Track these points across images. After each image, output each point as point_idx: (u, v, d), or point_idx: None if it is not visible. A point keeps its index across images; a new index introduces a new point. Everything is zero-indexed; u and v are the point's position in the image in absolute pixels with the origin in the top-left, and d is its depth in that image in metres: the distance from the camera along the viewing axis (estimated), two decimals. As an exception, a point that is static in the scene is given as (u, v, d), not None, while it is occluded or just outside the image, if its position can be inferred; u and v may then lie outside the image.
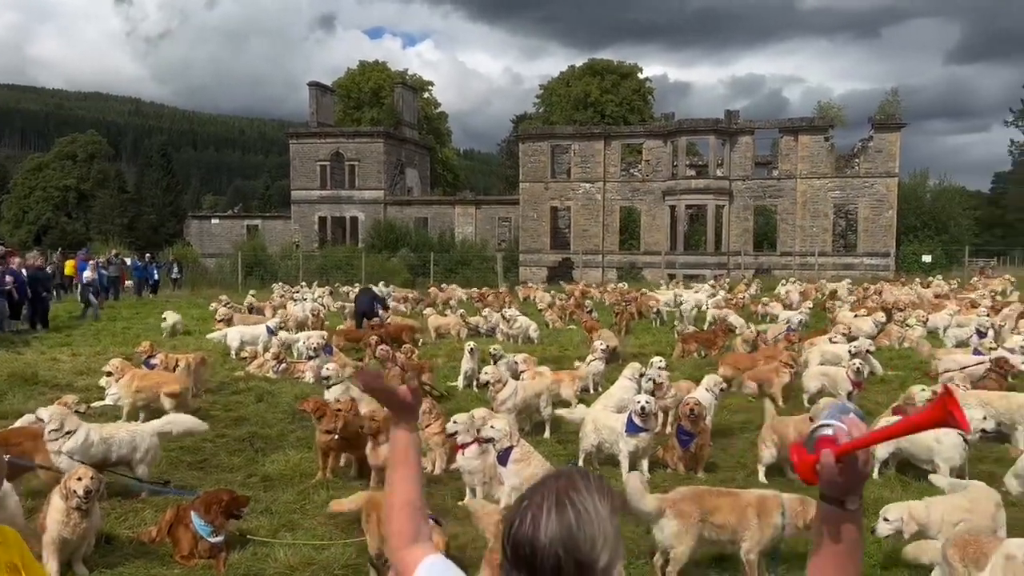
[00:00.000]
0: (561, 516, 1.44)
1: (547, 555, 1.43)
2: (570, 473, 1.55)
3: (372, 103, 63.95)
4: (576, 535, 1.43)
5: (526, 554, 1.45)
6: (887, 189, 42.89)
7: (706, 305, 21.37)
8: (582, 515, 1.44)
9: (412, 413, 1.93)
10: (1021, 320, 17.08)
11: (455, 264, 44.61)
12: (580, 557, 1.43)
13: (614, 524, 1.48)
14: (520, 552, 1.46)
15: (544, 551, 1.43)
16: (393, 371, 10.77)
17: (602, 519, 1.46)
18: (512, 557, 1.48)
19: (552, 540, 1.43)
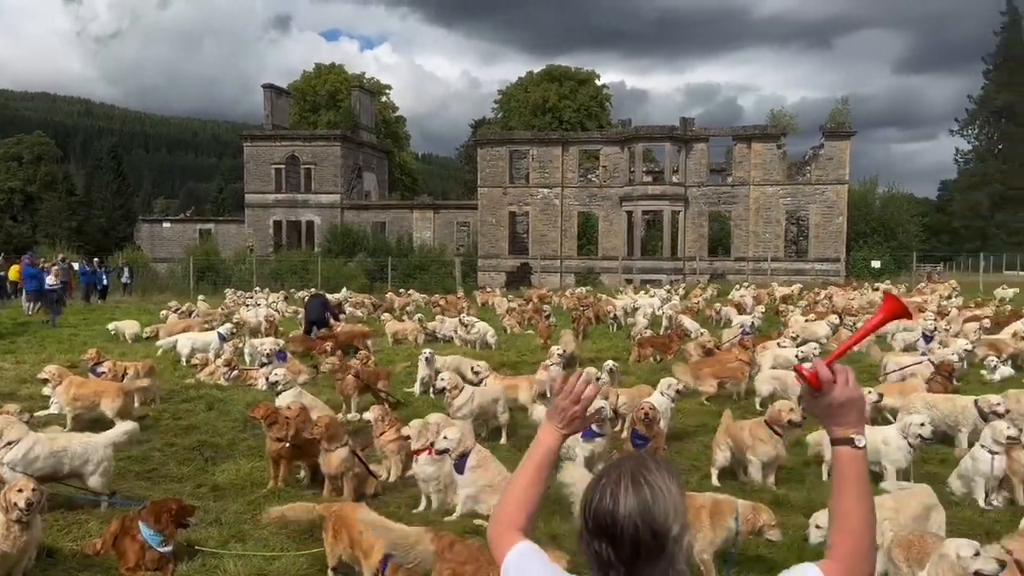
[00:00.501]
0: (638, 492, 1.65)
1: (627, 525, 1.64)
2: (641, 455, 1.82)
3: (329, 106, 63.40)
4: (652, 508, 1.64)
5: (607, 524, 1.66)
6: (837, 196, 43.85)
7: (661, 310, 21.57)
8: (656, 491, 1.66)
9: (577, 424, 2.11)
10: (966, 324, 17.58)
11: (413, 269, 44.40)
12: (656, 527, 1.64)
13: (682, 499, 1.70)
14: (602, 523, 1.67)
15: (624, 522, 1.64)
16: (347, 380, 10.66)
17: (673, 494, 1.68)
18: (593, 528, 1.69)
19: (631, 512, 1.64)
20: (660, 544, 1.65)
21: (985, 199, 63.94)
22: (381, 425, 7.68)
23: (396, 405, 10.18)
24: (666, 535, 1.65)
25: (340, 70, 66.74)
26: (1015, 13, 64.74)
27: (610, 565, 1.68)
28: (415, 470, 6.85)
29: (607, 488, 1.69)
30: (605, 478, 1.73)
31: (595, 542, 1.69)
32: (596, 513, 1.69)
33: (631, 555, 1.65)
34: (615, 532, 1.65)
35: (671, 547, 1.66)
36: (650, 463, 1.74)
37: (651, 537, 1.64)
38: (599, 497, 1.69)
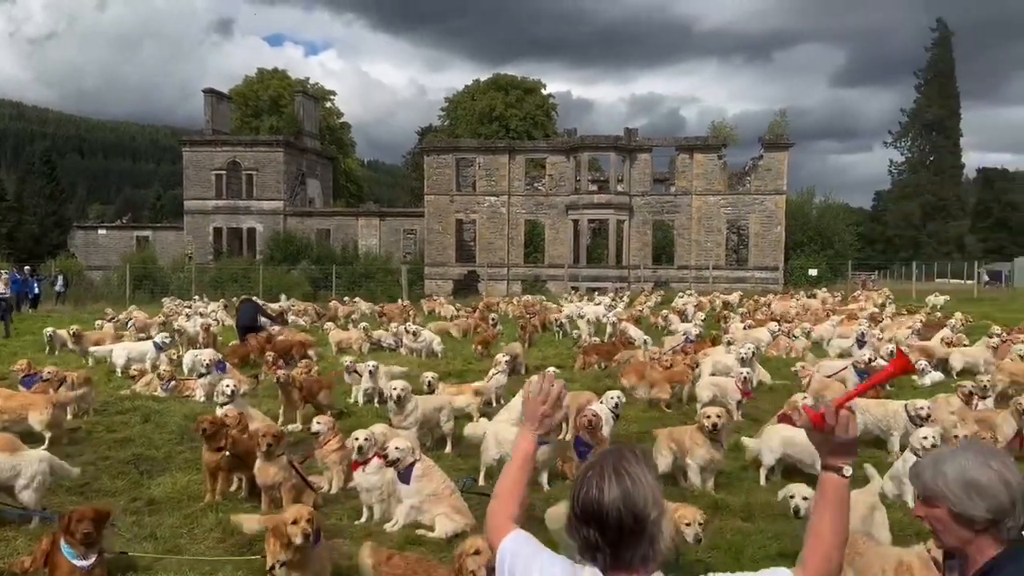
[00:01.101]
0: (620, 482, 1.87)
1: (611, 512, 1.85)
2: (620, 449, 2.01)
3: (271, 111, 62.50)
4: (633, 495, 1.86)
5: (594, 511, 1.87)
6: (776, 206, 44.95)
7: (606, 318, 21.77)
8: (635, 480, 1.87)
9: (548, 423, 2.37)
10: (899, 330, 18.17)
11: (358, 277, 43.96)
12: (637, 512, 1.85)
13: (658, 487, 1.93)
14: (589, 511, 1.88)
15: (609, 509, 1.85)
16: (292, 391, 10.48)
17: (650, 483, 1.90)
18: (582, 515, 1.90)
19: (614, 500, 1.85)
20: (641, 527, 1.86)
21: (917, 209, 66.33)
22: (325, 435, 7.57)
23: (340, 415, 10.06)
24: (646, 519, 1.86)
25: (283, 75, 65.88)
26: (945, 30, 67.50)
27: (597, 548, 1.89)
28: (357, 480, 6.77)
29: (592, 480, 1.90)
30: (591, 471, 1.94)
31: (583, 528, 1.90)
32: (584, 502, 1.90)
33: (616, 538, 1.86)
34: (602, 518, 1.86)
35: (651, 529, 1.87)
36: (629, 456, 1.95)
37: (633, 521, 1.85)
38: (586, 488, 1.91)
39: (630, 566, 1.89)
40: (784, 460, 7.82)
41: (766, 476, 7.83)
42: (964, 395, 9.40)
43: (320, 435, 7.54)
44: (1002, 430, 8.36)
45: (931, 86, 66.89)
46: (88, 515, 4.85)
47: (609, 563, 1.90)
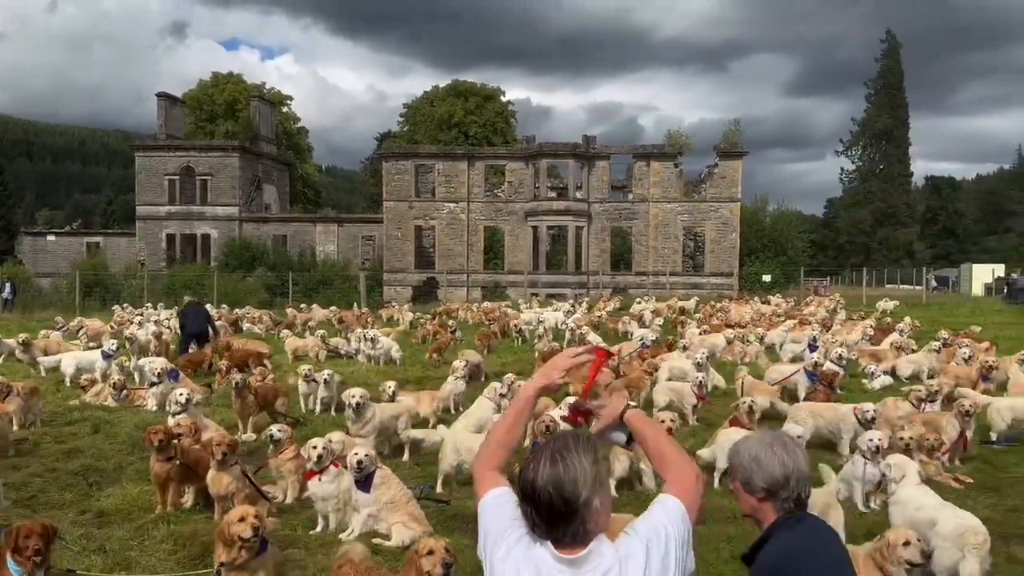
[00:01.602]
0: (553, 466, 2.04)
1: (543, 493, 2.03)
2: (564, 435, 2.19)
3: (226, 116, 61.66)
4: (562, 479, 2.03)
5: (529, 492, 2.07)
6: (731, 213, 45.67)
7: (565, 324, 21.89)
8: (568, 465, 2.04)
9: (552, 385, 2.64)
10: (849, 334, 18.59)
11: (316, 284, 43.51)
12: (565, 495, 2.02)
13: (595, 471, 2.07)
14: (526, 491, 2.08)
15: (540, 490, 2.04)
16: (249, 398, 10.35)
17: (584, 468, 2.05)
18: (521, 495, 2.11)
19: (545, 482, 2.03)
20: (571, 508, 2.02)
21: (868, 216, 67.77)
22: (281, 444, 7.49)
23: (295, 424, 9.95)
24: (576, 501, 2.02)
25: (239, 80, 65.02)
26: (894, 42, 69.18)
27: (535, 524, 2.08)
28: (312, 489, 6.71)
29: (531, 463, 2.10)
30: (535, 455, 2.13)
31: (524, 506, 2.11)
32: (523, 483, 2.10)
33: (548, 516, 2.04)
34: (535, 498, 2.05)
35: (581, 510, 2.03)
36: (570, 442, 2.12)
37: (562, 502, 2.02)
38: (525, 471, 2.11)
39: (562, 542, 2.06)
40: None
41: (719, 479, 7.96)
42: (915, 399, 9.66)
43: (281, 443, 7.46)
44: (947, 432, 8.62)
45: (880, 96, 68.46)
46: (36, 530, 4.69)
47: (545, 537, 2.08)
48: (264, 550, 4.86)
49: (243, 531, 4.67)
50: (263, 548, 4.84)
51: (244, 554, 4.68)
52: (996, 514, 6.96)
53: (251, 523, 4.68)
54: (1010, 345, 18.61)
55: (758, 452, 2.70)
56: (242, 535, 4.66)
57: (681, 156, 47.08)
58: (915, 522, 5.43)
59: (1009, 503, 7.37)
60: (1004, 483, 8.03)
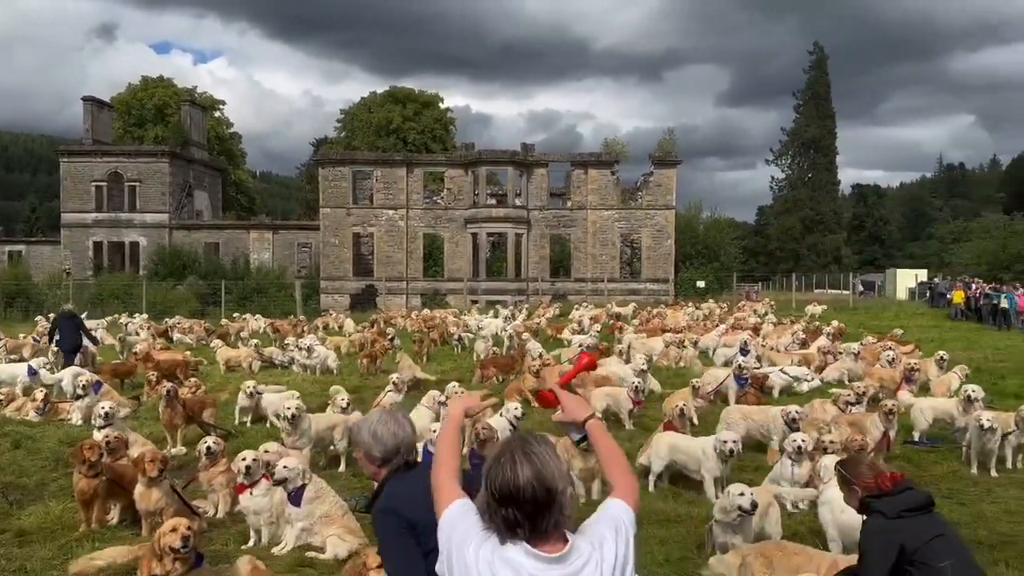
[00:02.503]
0: (530, 462, 2.13)
1: (526, 489, 2.10)
2: (522, 436, 2.32)
3: (156, 121, 60.01)
4: (543, 472, 2.13)
5: (511, 492, 2.12)
6: (666, 220, 46.49)
7: (503, 330, 21.93)
8: (542, 459, 2.15)
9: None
10: (780, 338, 19.09)
11: (250, 292, 42.62)
12: (548, 485, 2.11)
13: (561, 463, 2.22)
14: (506, 492, 2.12)
15: (524, 487, 2.10)
16: (178, 410, 10.06)
17: (554, 460, 2.19)
18: (500, 498, 2.13)
19: (528, 479, 2.11)
20: (552, 498, 2.12)
21: (797, 223, 69.73)
22: (211, 458, 7.30)
23: (227, 436, 9.72)
24: (555, 490, 2.13)
25: (169, 84, 63.37)
26: (821, 53, 71.47)
27: (517, 524, 2.12)
28: (244, 503, 6.56)
29: (505, 465, 2.15)
30: (501, 458, 2.18)
31: (502, 509, 2.13)
32: (500, 486, 2.13)
33: (532, 511, 2.11)
34: (518, 497, 2.10)
35: (559, 499, 2.13)
36: (532, 440, 2.25)
37: (546, 494, 2.11)
38: (500, 474, 2.14)
39: (546, 533, 2.14)
40: (671, 466, 8.08)
41: (654, 483, 8.08)
42: (842, 403, 9.96)
43: (215, 455, 7.28)
44: (871, 432, 8.92)
45: (809, 107, 70.59)
46: None
47: (528, 535, 2.13)
48: (199, 564, 4.75)
49: (173, 541, 4.55)
50: (198, 563, 4.73)
51: (178, 567, 4.55)
52: (916, 510, 7.22)
53: (182, 533, 4.57)
54: (932, 347, 19.42)
55: (376, 428, 3.19)
56: (172, 545, 4.54)
57: (618, 164, 47.71)
58: (841, 523, 5.60)
59: (929, 500, 7.66)
60: (925, 481, 8.33)
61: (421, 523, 2.85)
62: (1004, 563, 5.85)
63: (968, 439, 8.87)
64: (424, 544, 2.81)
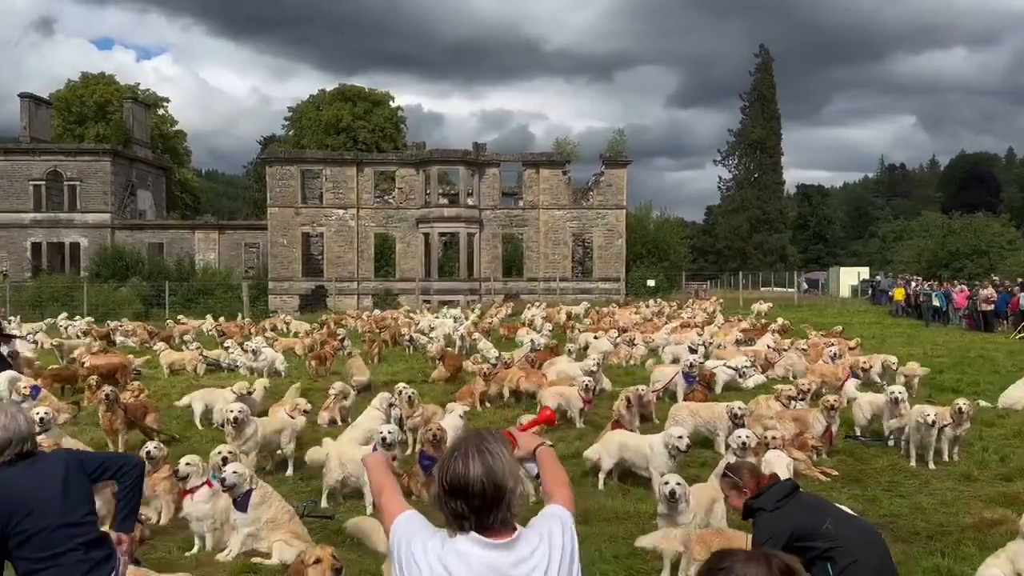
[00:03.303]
0: (483, 458, 2.17)
1: (475, 484, 2.15)
2: (480, 432, 2.37)
3: (97, 118, 58.30)
4: (494, 468, 2.17)
5: (461, 485, 2.16)
6: (617, 220, 46.91)
7: (455, 331, 21.88)
8: (495, 456, 2.19)
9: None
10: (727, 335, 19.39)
11: (195, 294, 41.78)
12: (497, 482, 2.16)
13: (513, 461, 2.29)
14: (456, 485, 2.17)
15: (474, 481, 2.15)
16: (118, 414, 9.79)
17: (506, 458, 2.24)
18: (450, 490, 2.18)
19: (478, 474, 2.15)
20: (501, 495, 2.17)
21: (744, 222, 71.06)
22: (153, 463, 7.13)
23: (170, 441, 9.51)
24: (505, 487, 2.17)
25: (110, 80, 61.61)
26: (767, 56, 72.90)
27: (464, 516, 2.17)
28: (187, 509, 6.43)
29: (458, 459, 2.19)
30: (456, 452, 2.23)
31: (451, 501, 2.18)
32: (451, 478, 2.17)
33: (480, 506, 2.15)
34: (467, 490, 2.15)
35: (508, 496, 2.18)
36: (488, 436, 2.29)
37: (495, 490, 2.15)
38: (452, 467, 2.19)
39: (491, 528, 2.18)
40: (621, 464, 8.16)
41: (604, 480, 8.14)
42: (785, 398, 10.17)
43: (157, 460, 7.11)
44: (814, 427, 9.13)
45: (755, 108, 71.94)
46: None
47: (474, 527, 2.18)
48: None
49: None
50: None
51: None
52: (858, 504, 7.40)
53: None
54: (875, 344, 19.97)
55: None
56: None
57: (569, 164, 47.98)
58: None
59: (869, 493, 7.88)
60: (865, 475, 8.57)
61: (21, 510, 3.30)
62: (940, 552, 6.03)
63: (906, 434, 9.12)
64: (17, 529, 3.29)
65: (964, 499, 7.52)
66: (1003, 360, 17.41)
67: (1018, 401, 11.70)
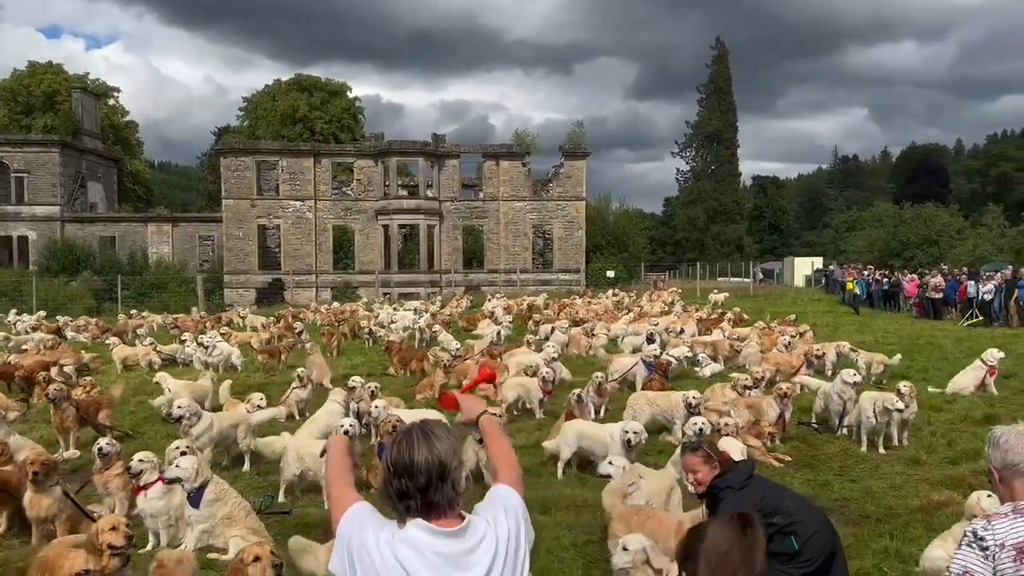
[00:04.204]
0: (427, 440, 2.28)
1: (421, 464, 2.24)
2: (424, 421, 2.44)
3: (45, 108, 56.65)
4: (437, 448, 2.27)
5: (407, 465, 2.25)
6: (577, 212, 47.12)
7: (415, 323, 21.78)
8: (438, 438, 2.29)
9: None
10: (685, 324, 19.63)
11: (149, 288, 40.96)
12: (441, 460, 2.25)
13: (457, 442, 2.36)
14: (401, 466, 2.26)
15: (419, 461, 2.25)
16: (68, 411, 9.58)
17: (450, 439, 2.32)
18: (395, 471, 2.28)
19: (423, 454, 2.25)
20: (444, 472, 2.25)
21: (702, 214, 71.86)
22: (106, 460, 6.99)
23: (123, 438, 9.33)
24: (448, 466, 2.26)
25: (58, 69, 59.86)
26: (722, 48, 73.64)
27: (409, 495, 2.25)
28: (141, 506, 6.32)
29: (403, 443, 2.29)
30: (403, 437, 2.33)
31: (396, 480, 2.27)
32: (396, 460, 2.27)
33: (424, 484, 2.24)
34: (412, 469, 2.24)
35: (452, 474, 2.27)
36: (431, 424, 2.39)
37: (438, 467, 2.24)
38: (398, 450, 2.29)
39: (439, 507, 2.26)
40: (579, 453, 8.22)
41: (563, 469, 8.20)
42: (741, 387, 10.34)
43: (109, 457, 6.97)
44: (768, 414, 9.30)
45: (711, 100, 72.66)
46: None
47: (420, 506, 2.26)
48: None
49: (116, 539, 4.60)
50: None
51: (116, 563, 4.61)
52: (810, 488, 7.58)
53: (124, 532, 4.66)
54: (828, 332, 20.38)
55: None
56: (114, 543, 4.59)
57: (529, 156, 47.99)
58: None
59: (821, 478, 8.05)
60: (817, 460, 8.76)
61: None
62: (889, 535, 6.19)
63: (858, 418, 9.32)
64: None
65: (913, 482, 7.71)
66: (951, 347, 17.87)
67: (965, 387, 12.04)
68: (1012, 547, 2.58)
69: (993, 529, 2.64)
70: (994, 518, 2.71)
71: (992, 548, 2.61)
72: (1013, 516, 2.67)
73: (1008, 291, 23.56)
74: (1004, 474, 2.79)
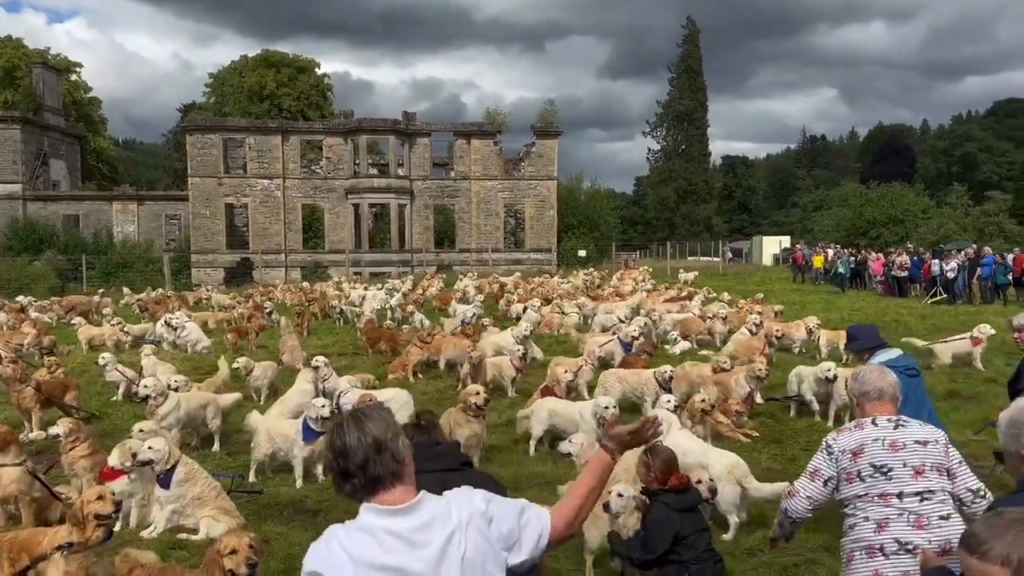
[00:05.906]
0: (358, 423, 2.32)
1: (355, 444, 2.28)
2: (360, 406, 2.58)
3: (5, 84, 55.23)
4: (367, 427, 2.30)
5: (344, 448, 2.29)
6: (548, 191, 47.08)
7: (387, 303, 21.71)
8: (370, 419, 2.33)
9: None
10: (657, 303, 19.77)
11: (115, 267, 40.30)
12: (375, 437, 2.29)
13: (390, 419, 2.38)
14: (339, 450, 2.31)
15: (353, 443, 2.29)
16: (25, 391, 9.43)
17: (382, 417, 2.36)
18: (334, 454, 2.33)
19: (356, 436, 2.29)
20: (380, 446, 2.28)
21: (672, 193, 72.09)
22: (69, 441, 6.91)
23: (89, 419, 9.22)
24: (383, 440, 2.28)
25: (18, 44, 58.27)
26: (693, 28, 73.60)
27: (351, 474, 2.28)
28: (112, 487, 6.25)
29: (339, 430, 2.35)
30: (337, 427, 2.38)
31: (336, 462, 2.32)
32: (334, 446, 2.32)
33: (362, 461, 2.26)
34: (347, 452, 2.28)
35: (389, 446, 2.29)
36: (364, 408, 2.47)
37: (373, 443, 2.27)
38: (335, 437, 2.34)
39: (382, 480, 2.28)
40: (551, 431, 8.28)
41: (534, 447, 8.25)
42: (718, 368, 10.41)
43: (60, 438, 6.88)
44: (736, 392, 9.42)
45: (682, 80, 72.63)
46: None
47: (363, 484, 2.28)
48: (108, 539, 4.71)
49: (103, 508, 4.58)
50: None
51: (101, 533, 4.57)
52: (778, 463, 7.72)
53: (111, 499, 4.66)
54: (796, 310, 20.65)
55: None
56: (101, 512, 4.56)
57: (500, 134, 47.76)
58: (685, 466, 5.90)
59: (789, 453, 8.20)
60: (784, 435, 8.91)
61: None
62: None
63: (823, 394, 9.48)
64: None
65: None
66: (915, 324, 18.22)
67: (944, 352, 12.58)
68: (849, 451, 3.47)
69: (838, 439, 3.56)
70: (842, 431, 3.62)
71: (836, 452, 3.52)
72: (852, 429, 3.56)
73: (971, 269, 24.04)
74: (859, 400, 3.69)
